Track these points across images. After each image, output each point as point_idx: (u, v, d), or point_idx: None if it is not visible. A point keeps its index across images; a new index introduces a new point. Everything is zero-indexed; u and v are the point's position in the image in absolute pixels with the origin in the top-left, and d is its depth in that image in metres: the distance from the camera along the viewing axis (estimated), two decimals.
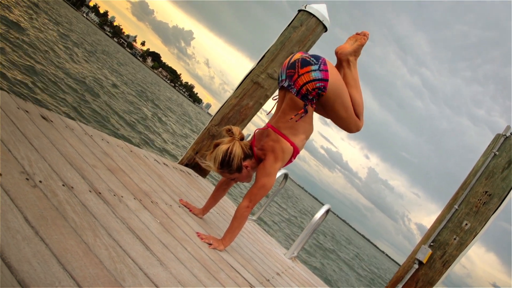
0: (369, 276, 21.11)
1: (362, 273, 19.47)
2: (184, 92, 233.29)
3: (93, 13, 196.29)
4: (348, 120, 2.12)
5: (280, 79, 2.12)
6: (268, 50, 4.14)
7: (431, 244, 3.47)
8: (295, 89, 2.02)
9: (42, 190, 1.30)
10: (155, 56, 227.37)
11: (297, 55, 2.04)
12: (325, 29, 4.19)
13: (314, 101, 2.03)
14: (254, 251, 2.78)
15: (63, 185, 1.44)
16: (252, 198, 2.11)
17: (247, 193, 2.13)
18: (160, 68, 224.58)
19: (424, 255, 3.40)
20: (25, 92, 7.07)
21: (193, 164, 4.15)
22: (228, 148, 2.08)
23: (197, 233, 2.13)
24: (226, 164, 2.09)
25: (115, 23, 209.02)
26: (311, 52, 4.29)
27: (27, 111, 1.87)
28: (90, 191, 1.57)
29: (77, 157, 1.82)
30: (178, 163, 4.14)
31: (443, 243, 3.42)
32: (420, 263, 3.43)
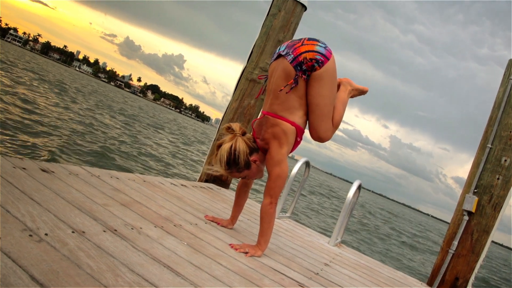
0: (417, 241, 20.65)
1: (415, 243, 19.03)
2: (191, 114, 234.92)
3: (85, 65, 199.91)
4: (325, 117, 2.05)
5: (277, 51, 2.06)
6: (254, 44, 4.03)
7: (475, 190, 3.27)
8: (292, 56, 1.95)
9: (49, 242, 1.20)
10: (154, 88, 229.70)
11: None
12: (304, 8, 4.05)
13: (306, 75, 1.94)
14: (295, 247, 2.64)
15: (72, 232, 1.35)
16: (271, 193, 1.99)
17: (265, 189, 2.01)
18: (162, 98, 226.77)
19: (471, 204, 3.21)
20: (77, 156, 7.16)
21: (213, 178, 4.05)
22: (231, 145, 1.96)
23: (230, 244, 2.01)
24: (233, 163, 1.97)
25: (108, 68, 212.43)
26: (297, 34, 4.16)
27: (24, 168, 1.80)
28: (104, 231, 1.47)
29: (86, 200, 1.73)
30: (198, 181, 4.05)
31: (487, 186, 3.23)
32: (470, 213, 3.24)
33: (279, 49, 2.06)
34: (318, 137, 2.10)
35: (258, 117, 2.15)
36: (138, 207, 1.99)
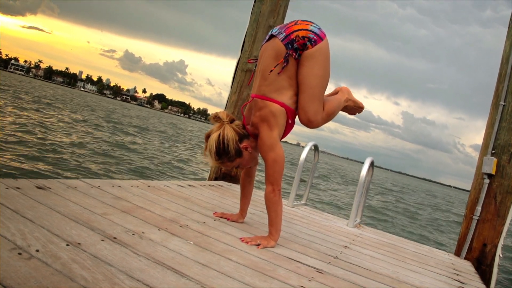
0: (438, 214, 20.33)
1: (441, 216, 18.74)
2: (200, 118, 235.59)
3: (89, 84, 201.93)
4: (316, 99, 1.93)
5: (270, 33, 1.98)
6: (246, 33, 3.93)
7: (493, 152, 3.13)
8: (284, 34, 1.87)
9: (40, 259, 1.13)
10: (160, 97, 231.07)
11: None
12: None
13: (297, 53, 1.86)
14: (311, 234, 2.55)
15: (67, 245, 1.28)
16: (271, 180, 1.90)
17: (265, 177, 1.93)
18: (169, 106, 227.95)
19: (490, 166, 3.07)
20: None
21: (223, 176, 3.98)
22: (219, 134, 1.88)
23: (241, 238, 1.93)
24: (223, 152, 1.89)
25: (112, 84, 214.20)
26: (288, 17, 4.05)
27: (18, 188, 1.74)
28: (102, 240, 1.40)
29: (83, 212, 1.67)
30: (208, 180, 3.98)
31: (504, 145, 3.08)
32: (490, 175, 3.10)
33: (272, 31, 1.98)
34: (308, 119, 1.96)
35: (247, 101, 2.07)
36: (141, 212, 1.92)
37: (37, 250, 1.18)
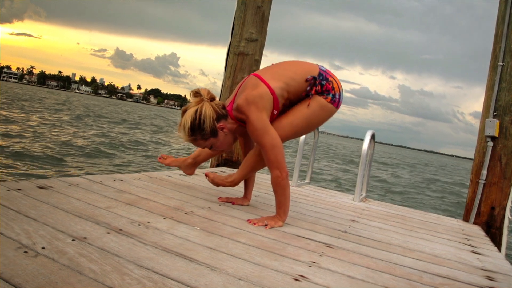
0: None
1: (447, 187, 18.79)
2: None
3: (83, 85, 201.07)
4: (290, 131, 1.96)
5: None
6: (234, 17, 3.87)
7: (494, 114, 3.10)
8: (325, 69, 1.97)
9: (47, 255, 1.12)
10: (156, 92, 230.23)
11: None
12: None
13: (316, 89, 1.91)
14: (318, 211, 2.54)
15: (73, 240, 1.26)
16: (275, 164, 1.87)
17: (268, 164, 1.90)
18: (166, 100, 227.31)
19: (493, 128, 3.04)
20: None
21: (224, 162, 3.96)
22: (197, 109, 1.85)
23: (248, 220, 1.92)
24: (198, 128, 1.86)
25: (106, 83, 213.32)
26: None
27: (19, 189, 1.72)
28: (108, 233, 1.39)
29: (87, 207, 1.65)
30: (210, 167, 3.97)
31: (506, 106, 3.05)
32: (493, 138, 3.08)
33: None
34: (264, 139, 1.86)
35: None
36: (145, 203, 1.90)
37: (43, 247, 1.16)
